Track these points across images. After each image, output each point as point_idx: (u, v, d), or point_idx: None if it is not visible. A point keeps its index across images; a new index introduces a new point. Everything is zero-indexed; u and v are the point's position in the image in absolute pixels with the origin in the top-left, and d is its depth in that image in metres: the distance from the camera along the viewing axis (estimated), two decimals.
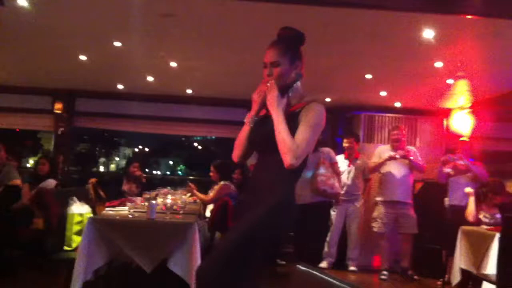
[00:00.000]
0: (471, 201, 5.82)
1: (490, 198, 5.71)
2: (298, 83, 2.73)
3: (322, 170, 6.59)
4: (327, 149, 6.83)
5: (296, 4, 4.54)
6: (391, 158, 6.93)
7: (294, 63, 2.71)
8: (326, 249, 7.40)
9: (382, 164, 7.03)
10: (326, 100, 8.71)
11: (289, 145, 2.48)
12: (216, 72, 7.27)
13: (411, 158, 6.92)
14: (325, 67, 6.49)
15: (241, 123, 2.78)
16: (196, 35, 2.80)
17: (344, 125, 9.04)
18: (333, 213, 7.33)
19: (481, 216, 5.62)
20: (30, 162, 9.35)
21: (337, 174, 6.83)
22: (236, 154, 2.81)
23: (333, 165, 6.77)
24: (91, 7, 4.86)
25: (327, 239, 7.37)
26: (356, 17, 4.78)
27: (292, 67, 2.70)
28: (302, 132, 2.53)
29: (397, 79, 7.06)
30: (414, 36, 5.08)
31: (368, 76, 6.89)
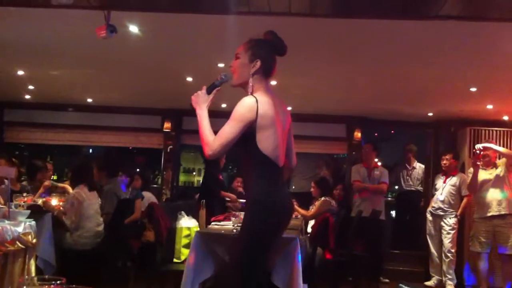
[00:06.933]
0: None
1: None
2: (251, 82, 2.91)
3: None
4: (384, 170, 7.71)
5: (392, 19, 4.53)
6: (475, 161, 6.73)
7: (252, 62, 2.91)
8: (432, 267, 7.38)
9: (474, 178, 6.73)
10: (428, 115, 8.50)
11: (206, 139, 2.81)
12: (315, 88, 7.35)
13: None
14: (426, 80, 6.37)
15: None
16: (293, 53, 2.90)
17: (447, 140, 8.71)
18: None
19: None
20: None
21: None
22: None
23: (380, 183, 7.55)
24: (196, 32, 5.13)
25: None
26: (456, 29, 4.69)
27: (249, 65, 2.91)
28: (223, 126, 2.79)
29: (504, 91, 6.75)
30: None
31: (473, 89, 6.66)
